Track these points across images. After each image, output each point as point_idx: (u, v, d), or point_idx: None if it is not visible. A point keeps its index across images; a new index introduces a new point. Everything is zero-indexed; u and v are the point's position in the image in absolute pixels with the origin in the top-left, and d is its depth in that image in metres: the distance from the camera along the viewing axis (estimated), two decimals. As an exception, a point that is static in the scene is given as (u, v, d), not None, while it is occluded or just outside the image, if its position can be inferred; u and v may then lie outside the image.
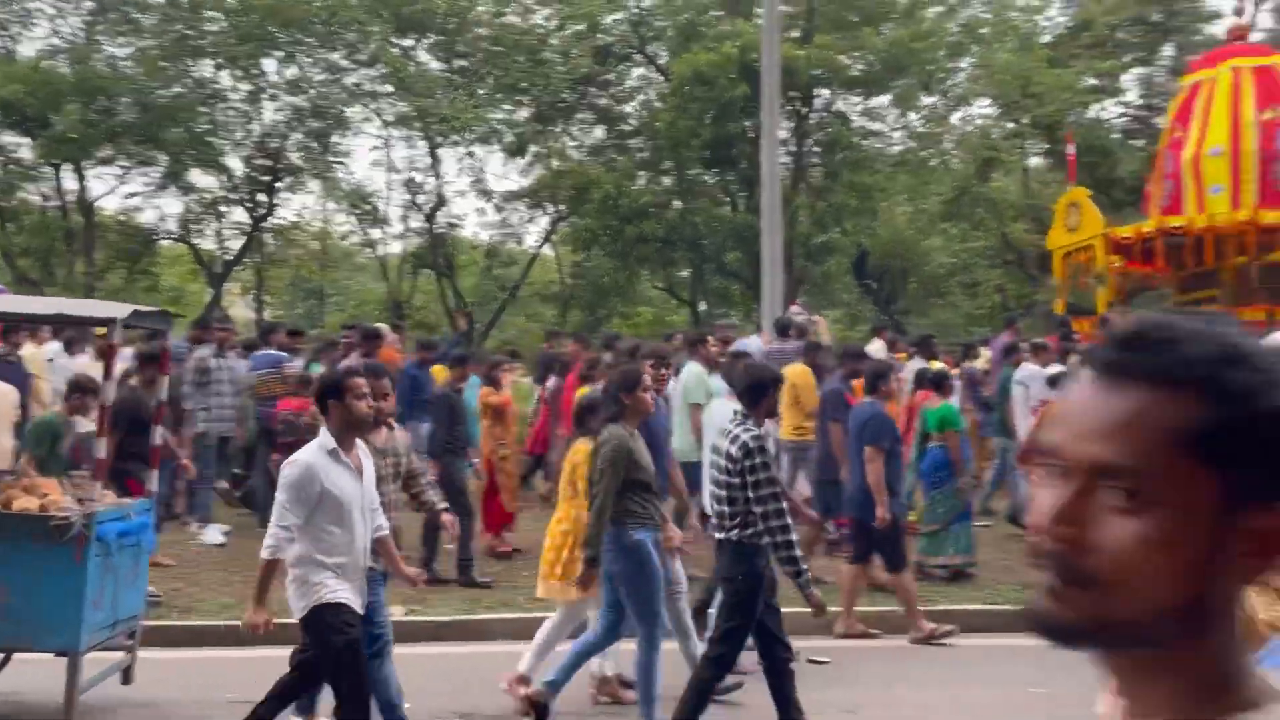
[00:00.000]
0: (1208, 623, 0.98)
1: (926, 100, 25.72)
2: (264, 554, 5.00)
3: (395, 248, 27.19)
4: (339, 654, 4.91)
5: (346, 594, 4.95)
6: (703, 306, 25.77)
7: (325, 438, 5.07)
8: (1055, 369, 11.30)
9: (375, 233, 26.39)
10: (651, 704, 5.75)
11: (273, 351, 12.05)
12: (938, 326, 24.05)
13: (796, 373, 10.34)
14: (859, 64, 24.81)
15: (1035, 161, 28.69)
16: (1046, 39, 27.11)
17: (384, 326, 12.95)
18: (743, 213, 23.00)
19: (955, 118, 26.47)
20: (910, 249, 26.33)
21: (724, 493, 5.67)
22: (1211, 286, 15.69)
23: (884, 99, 25.28)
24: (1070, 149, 20.45)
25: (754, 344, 12.03)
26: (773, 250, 14.78)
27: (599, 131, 24.92)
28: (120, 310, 6.26)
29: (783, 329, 12.18)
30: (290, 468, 4.99)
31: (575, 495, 6.35)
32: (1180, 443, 0.95)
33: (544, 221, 25.98)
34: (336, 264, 30.57)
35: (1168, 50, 28.43)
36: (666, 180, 24.48)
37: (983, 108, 26.62)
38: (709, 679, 5.71)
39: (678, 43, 22.75)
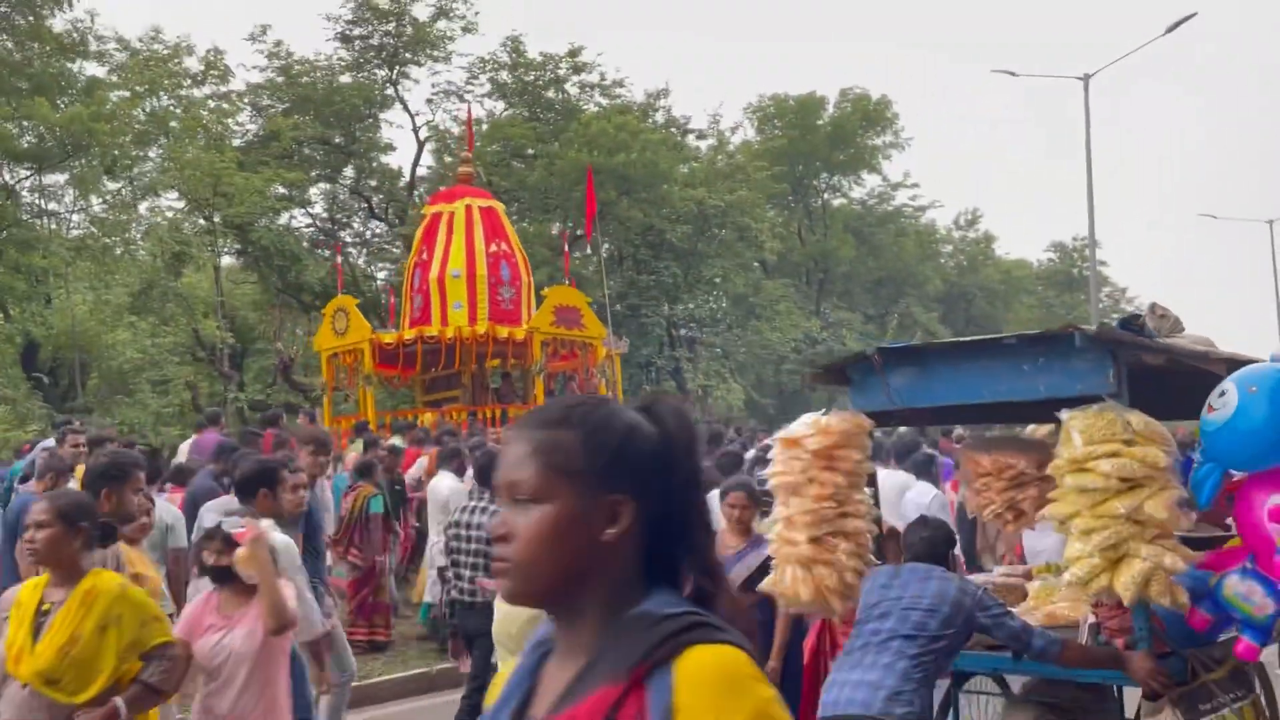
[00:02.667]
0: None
1: (111, 185, 22.41)
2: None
3: None
4: None
5: None
6: None
7: None
8: None
9: None
10: None
11: None
12: (124, 425, 20.65)
13: None
14: (29, 136, 20.78)
15: (228, 260, 26.71)
16: (238, 142, 25.58)
17: None
18: None
19: (143, 207, 23.46)
20: (93, 341, 22.46)
21: (482, 560, 5.75)
22: (454, 388, 16.42)
23: (60, 178, 21.45)
24: (339, 259, 21.09)
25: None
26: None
27: None
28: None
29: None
30: None
31: None
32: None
33: None
34: None
35: (349, 171, 28.82)
36: None
37: (172, 200, 24.07)
38: None
39: None
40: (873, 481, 4.69)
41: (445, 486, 8.59)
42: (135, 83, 21.86)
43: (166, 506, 6.53)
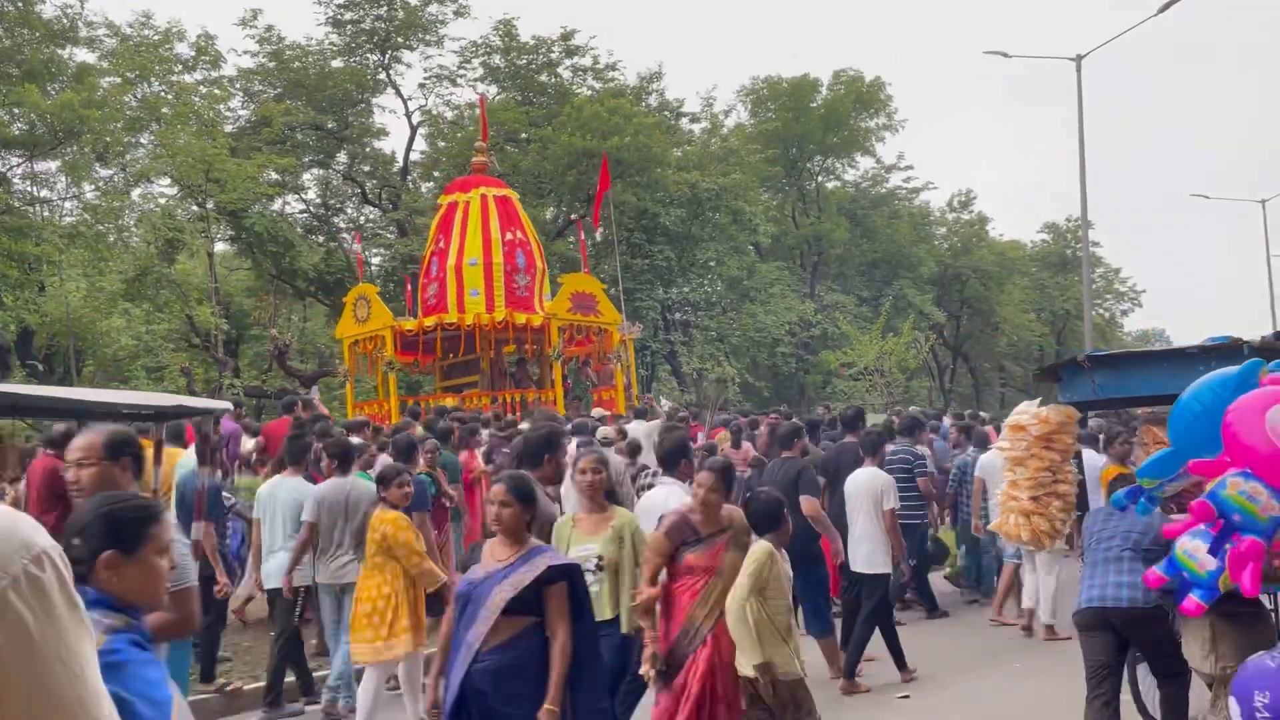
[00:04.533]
0: None
1: (103, 172, 22.32)
2: None
3: None
4: None
5: None
6: None
7: None
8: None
9: None
10: None
11: None
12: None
13: None
14: (20, 123, 20.68)
15: (221, 247, 26.63)
16: (230, 128, 25.47)
17: None
18: None
19: (135, 194, 23.39)
20: (87, 328, 22.42)
21: None
22: (472, 374, 16.72)
23: (52, 165, 21.36)
24: (357, 248, 21.45)
25: None
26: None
27: None
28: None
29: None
30: None
31: (389, 560, 5.97)
32: None
33: None
34: None
35: (342, 157, 28.73)
36: None
37: (165, 187, 23.99)
38: None
39: None
40: (1079, 456, 6.01)
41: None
42: (126, 69, 21.76)
43: (299, 484, 7.04)
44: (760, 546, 4.62)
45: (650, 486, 6.55)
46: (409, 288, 18.62)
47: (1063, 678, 7.39)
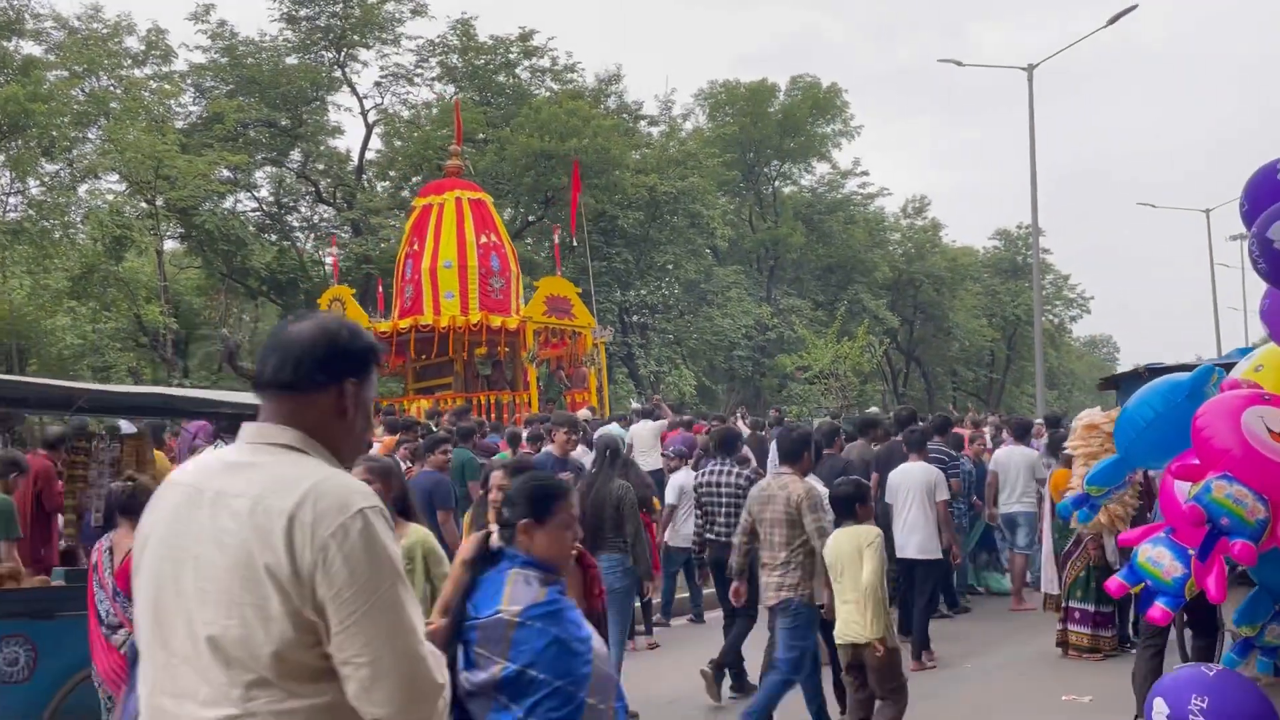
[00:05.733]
0: None
1: (49, 167, 21.87)
2: None
3: None
4: None
5: None
6: None
7: None
8: None
9: None
10: None
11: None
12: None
13: None
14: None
15: (171, 245, 26.19)
16: (180, 124, 25.09)
17: None
18: None
19: (82, 190, 22.94)
20: (31, 327, 21.97)
21: (731, 507, 7.00)
22: (445, 376, 16.89)
23: (-4, 160, 20.89)
24: (334, 252, 21.60)
25: None
26: None
27: None
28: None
29: None
30: None
31: None
32: None
33: None
34: None
35: (296, 155, 28.39)
36: None
37: (113, 183, 23.56)
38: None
39: None
40: None
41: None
42: (74, 62, 21.37)
43: None
44: (872, 531, 5.32)
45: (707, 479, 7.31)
46: (380, 289, 18.66)
47: (1020, 673, 7.55)
